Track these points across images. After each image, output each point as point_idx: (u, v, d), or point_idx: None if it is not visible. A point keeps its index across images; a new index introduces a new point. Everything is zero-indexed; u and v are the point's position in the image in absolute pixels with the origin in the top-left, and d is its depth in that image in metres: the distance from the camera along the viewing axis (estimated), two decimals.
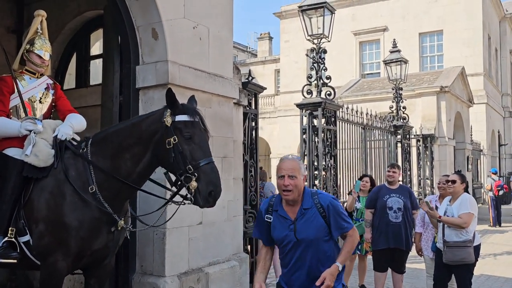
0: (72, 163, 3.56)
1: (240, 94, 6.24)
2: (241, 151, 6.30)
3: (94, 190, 3.44)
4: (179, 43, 5.04)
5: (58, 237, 3.38)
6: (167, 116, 3.39)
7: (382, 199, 6.11)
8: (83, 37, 6.98)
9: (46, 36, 4.16)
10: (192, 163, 3.29)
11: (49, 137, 3.70)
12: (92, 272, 3.70)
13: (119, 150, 3.52)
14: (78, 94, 6.58)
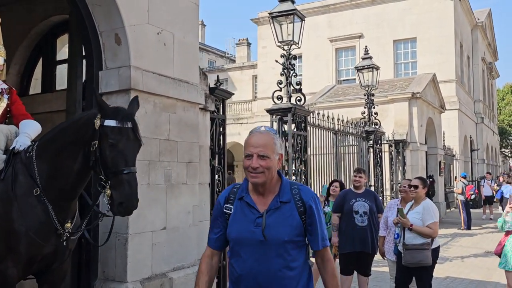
0: (20, 168, 3.54)
1: (207, 100, 6.27)
2: (207, 156, 6.31)
3: (38, 192, 3.42)
4: (142, 49, 5.05)
5: (8, 244, 3.35)
6: (97, 119, 3.29)
7: (349, 203, 6.21)
8: (50, 41, 6.93)
9: (1, 41, 4.13)
10: (112, 170, 3.19)
11: (0, 142, 3.67)
12: (45, 277, 3.67)
13: (59, 151, 3.49)
14: (43, 99, 6.53)
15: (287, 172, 8.69)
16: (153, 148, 5.06)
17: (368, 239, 6.12)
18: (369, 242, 6.13)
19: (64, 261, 3.72)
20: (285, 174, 8.70)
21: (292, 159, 8.68)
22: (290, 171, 8.70)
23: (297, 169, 8.80)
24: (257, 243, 2.44)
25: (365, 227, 6.10)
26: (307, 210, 2.50)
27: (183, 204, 5.45)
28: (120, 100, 4.90)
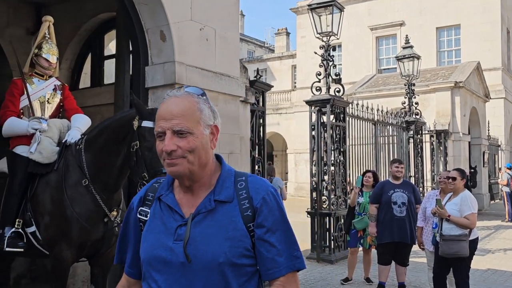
0: (70, 159, 3.81)
1: (248, 92, 6.45)
2: (248, 147, 6.51)
3: (87, 183, 3.68)
4: (186, 44, 5.26)
5: (61, 229, 3.65)
6: (136, 120, 3.44)
7: (387, 194, 6.26)
8: (98, 37, 7.25)
9: (54, 40, 4.41)
10: (150, 171, 3.33)
11: (54, 135, 3.96)
12: (95, 261, 3.97)
13: (103, 147, 3.71)
14: (92, 93, 6.86)
15: (326, 162, 8.81)
16: None
17: (407, 229, 6.16)
18: (408, 232, 6.16)
19: (111, 247, 3.96)
20: (325, 165, 8.80)
21: (330, 149, 8.77)
22: (329, 162, 8.80)
23: (335, 159, 8.89)
24: (178, 267, 1.51)
25: (403, 217, 6.15)
26: (258, 214, 1.56)
27: None
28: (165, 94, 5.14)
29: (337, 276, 7.39)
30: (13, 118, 4.04)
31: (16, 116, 4.08)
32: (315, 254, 8.70)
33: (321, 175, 8.81)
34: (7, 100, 4.15)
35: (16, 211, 3.76)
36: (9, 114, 4.06)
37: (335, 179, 8.77)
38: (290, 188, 29.48)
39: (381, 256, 6.43)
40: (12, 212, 3.75)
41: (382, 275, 6.40)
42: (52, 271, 3.75)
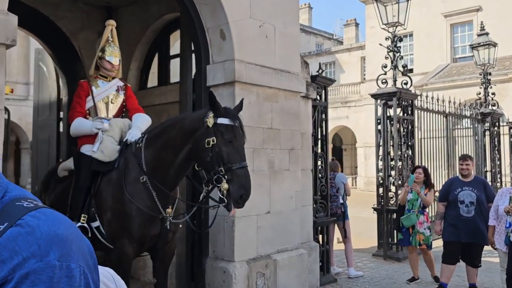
0: (130, 157, 3.98)
1: (309, 88, 6.41)
2: (310, 143, 6.48)
3: (144, 180, 3.82)
4: (245, 42, 5.32)
5: (122, 225, 3.82)
6: (210, 117, 3.57)
7: (454, 192, 5.93)
8: (164, 38, 7.50)
9: (116, 43, 4.60)
10: (227, 165, 3.45)
11: (115, 134, 4.15)
12: (155, 255, 4.12)
13: (164, 144, 3.84)
14: (159, 92, 7.11)
15: (393, 157, 8.55)
16: (257, 136, 5.33)
17: (476, 230, 5.78)
18: (477, 233, 5.80)
19: (167, 242, 4.09)
20: (391, 160, 8.55)
21: (397, 144, 8.50)
22: (396, 157, 8.54)
23: (403, 154, 8.61)
24: None
25: (471, 218, 5.80)
26: None
27: (286, 190, 5.68)
28: (226, 92, 5.24)
29: (404, 275, 7.17)
30: (79, 118, 4.30)
31: (82, 117, 4.33)
32: (382, 252, 8.49)
33: (388, 171, 8.57)
34: (74, 101, 4.42)
35: (81, 207, 3.99)
36: (76, 115, 4.32)
37: (403, 174, 8.49)
38: (359, 182, 28.91)
39: (444, 254, 6.09)
40: (78, 207, 3.99)
41: (444, 275, 6.04)
42: (116, 265, 3.94)
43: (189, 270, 5.27)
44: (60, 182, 4.58)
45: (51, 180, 4.78)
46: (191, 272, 5.28)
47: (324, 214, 6.77)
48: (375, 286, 6.66)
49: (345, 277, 7.14)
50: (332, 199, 7.05)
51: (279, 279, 5.46)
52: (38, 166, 7.39)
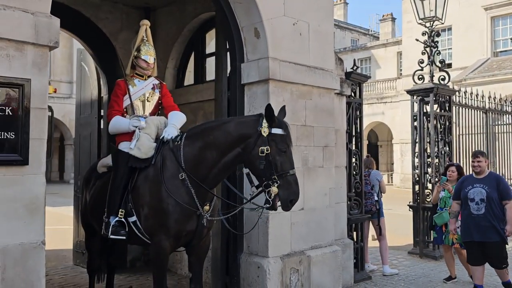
0: (167, 154, 4.08)
1: (343, 85, 6.40)
2: (344, 140, 6.47)
3: (183, 177, 3.93)
4: (279, 40, 5.37)
5: (159, 220, 3.93)
6: (264, 127, 3.74)
7: (465, 190, 5.71)
8: (200, 36, 7.63)
9: (151, 42, 4.71)
10: (279, 173, 3.67)
11: (152, 132, 4.27)
12: (191, 250, 4.23)
13: (207, 144, 3.96)
14: (195, 90, 7.25)
15: (430, 154, 8.42)
16: (291, 133, 5.35)
17: (487, 228, 5.48)
18: (488, 231, 5.48)
19: (202, 238, 4.20)
20: (428, 157, 8.40)
21: (434, 141, 8.37)
22: (433, 154, 8.41)
23: (439, 151, 8.47)
24: None
25: (481, 215, 5.51)
26: None
27: (320, 186, 5.71)
28: (260, 89, 5.31)
29: (441, 274, 7.07)
30: (117, 116, 4.43)
31: (120, 115, 4.46)
32: (418, 250, 8.39)
33: (424, 168, 8.45)
34: (112, 100, 4.56)
35: (119, 202, 4.13)
36: (114, 113, 4.45)
37: (440, 171, 8.35)
38: (395, 179, 28.48)
39: (468, 255, 5.89)
40: (116, 203, 4.13)
41: (475, 277, 5.83)
42: (153, 258, 4.09)
43: (224, 265, 5.37)
44: (100, 178, 4.75)
45: (91, 176, 4.97)
46: (226, 266, 5.38)
47: (358, 211, 6.76)
48: (410, 284, 6.60)
49: (379, 274, 7.10)
50: (366, 196, 7.02)
51: (313, 275, 5.50)
52: (80, 162, 7.67)
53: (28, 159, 3.52)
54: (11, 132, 3.45)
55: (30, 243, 3.55)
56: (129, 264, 7.34)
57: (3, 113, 3.42)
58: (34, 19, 3.55)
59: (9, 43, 3.46)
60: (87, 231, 5.20)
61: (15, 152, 3.46)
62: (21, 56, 3.52)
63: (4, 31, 3.40)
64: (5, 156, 3.42)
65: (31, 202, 3.55)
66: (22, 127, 3.49)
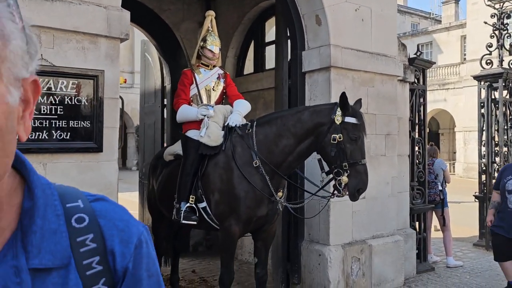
0: (238, 141, 4.17)
1: (406, 71, 6.24)
2: (407, 127, 6.32)
3: (257, 164, 4.00)
4: (341, 27, 5.31)
5: (230, 206, 4.03)
6: (338, 115, 3.79)
7: (504, 180, 5.14)
8: (260, 25, 7.66)
9: (216, 33, 4.79)
10: (349, 161, 3.72)
11: (219, 120, 4.36)
12: (258, 236, 4.31)
13: (281, 132, 4.03)
14: (255, 78, 7.31)
15: (498, 143, 8.06)
16: None
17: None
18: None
19: (272, 224, 4.31)
20: (496, 145, 8.07)
21: (503, 129, 7.99)
22: (501, 142, 8.04)
23: (509, 139, 8.08)
24: None
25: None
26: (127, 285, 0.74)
27: (382, 175, 5.62)
28: (321, 77, 5.28)
29: None
30: (185, 105, 4.56)
31: (187, 104, 4.59)
32: (484, 242, 8.08)
33: (492, 157, 8.10)
34: (179, 89, 4.68)
35: (189, 189, 4.25)
36: (181, 102, 4.58)
37: (508, 160, 7.98)
38: (458, 168, 27.45)
39: (496, 250, 5.28)
40: (186, 189, 4.25)
41: (508, 274, 5.25)
42: (222, 243, 4.20)
43: (285, 252, 5.44)
44: (167, 166, 4.88)
45: (158, 164, 5.11)
46: (287, 253, 5.44)
47: (421, 201, 6.61)
48: (476, 277, 6.39)
49: (443, 266, 6.92)
50: (430, 185, 6.84)
51: (374, 264, 5.45)
52: (145, 150, 7.97)
53: (102, 146, 3.71)
54: (87, 121, 3.65)
55: None
56: (192, 248, 7.58)
57: (80, 103, 3.62)
58: (106, 12, 3.72)
59: (84, 36, 3.64)
60: (154, 216, 5.39)
61: (90, 140, 3.67)
62: (95, 49, 3.70)
63: (80, 25, 3.59)
64: (82, 144, 3.63)
65: (106, 187, 3.75)
66: (97, 116, 3.68)
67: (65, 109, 3.56)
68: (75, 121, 3.60)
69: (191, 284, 5.86)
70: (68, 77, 3.55)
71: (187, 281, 5.94)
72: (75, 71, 3.58)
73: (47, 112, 3.48)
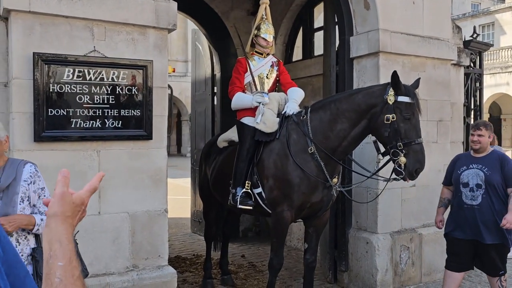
0: (294, 129, 4.18)
1: (461, 54, 6.00)
2: (461, 113, 6.11)
3: (312, 151, 4.01)
4: (390, 10, 5.17)
5: (284, 192, 4.06)
6: (390, 95, 3.74)
7: (457, 172, 4.27)
8: (308, 11, 7.59)
9: (270, 21, 4.79)
10: (404, 141, 3.68)
11: (274, 107, 4.38)
12: (310, 222, 4.32)
13: (335, 117, 4.01)
14: (304, 65, 7.28)
15: None
16: None
17: (484, 223, 4.07)
18: (485, 227, 4.06)
19: (327, 210, 4.33)
20: None
21: None
22: None
23: None
24: None
25: (477, 206, 4.10)
26: None
27: (434, 163, 5.46)
28: (370, 63, 5.19)
29: None
30: (240, 93, 4.59)
31: (241, 91, 4.63)
32: None
33: None
34: (234, 77, 4.72)
35: (245, 174, 4.30)
36: (236, 89, 4.62)
37: None
38: None
39: (449, 257, 4.37)
40: (242, 175, 4.30)
41: (445, 284, 4.37)
42: (274, 228, 4.26)
43: (333, 239, 5.43)
44: (220, 153, 4.94)
45: (211, 151, 5.20)
46: (335, 240, 5.44)
47: None
48: None
49: None
50: None
51: (425, 254, 5.35)
52: (196, 137, 8.16)
53: (152, 134, 3.86)
54: (137, 110, 3.80)
55: (155, 210, 3.92)
56: (241, 234, 7.72)
57: (130, 93, 3.78)
58: (154, 4, 3.83)
59: (133, 28, 3.78)
60: (205, 202, 5.50)
61: (140, 128, 3.82)
62: (144, 40, 3.83)
63: (129, 17, 3.72)
64: (133, 132, 3.79)
65: (155, 174, 3.90)
66: (146, 105, 3.83)
67: (117, 99, 3.72)
68: (126, 110, 3.77)
69: (240, 268, 5.99)
70: (119, 68, 3.71)
71: (236, 266, 6.08)
72: (125, 61, 3.73)
73: (100, 101, 3.66)
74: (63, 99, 3.54)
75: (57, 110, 3.51)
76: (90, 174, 3.65)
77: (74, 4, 3.52)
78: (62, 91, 3.53)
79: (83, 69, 3.58)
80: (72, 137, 3.58)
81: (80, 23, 3.58)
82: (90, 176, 3.67)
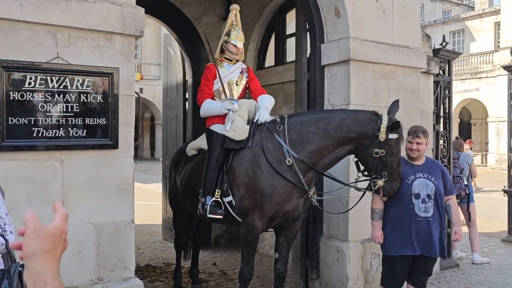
0: (268, 137, 4.12)
1: (430, 63, 6.08)
2: (431, 121, 6.18)
3: (291, 163, 3.97)
4: (361, 19, 5.20)
5: (256, 201, 4.00)
6: (382, 133, 3.81)
7: (406, 181, 3.91)
8: (280, 17, 7.59)
9: (240, 27, 4.74)
10: (388, 170, 3.82)
11: (244, 114, 4.31)
12: (282, 232, 4.28)
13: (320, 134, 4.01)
14: (276, 71, 7.26)
15: None
16: None
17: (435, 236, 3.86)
18: (434, 242, 3.87)
19: (300, 220, 4.30)
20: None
21: None
22: None
23: None
24: None
25: (430, 218, 3.85)
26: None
27: None
28: (340, 70, 5.19)
29: None
30: (209, 100, 4.52)
31: (210, 98, 4.56)
32: None
33: None
34: (203, 84, 4.65)
35: (215, 182, 4.23)
36: (205, 96, 4.55)
37: None
38: (490, 159, 26.75)
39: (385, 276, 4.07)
40: (212, 183, 4.22)
41: None
42: (244, 237, 4.19)
43: (304, 247, 5.41)
44: (190, 161, 4.86)
45: (180, 159, 5.10)
46: (306, 248, 5.41)
47: None
48: (503, 275, 6.21)
49: (468, 262, 6.76)
50: (455, 180, 6.67)
51: None
52: (168, 142, 8.05)
53: (118, 143, 3.76)
54: (103, 118, 3.70)
55: (121, 221, 3.82)
56: (213, 241, 7.64)
57: (95, 101, 3.67)
58: (121, 10, 3.74)
59: (99, 34, 3.68)
60: (175, 211, 5.42)
61: (106, 136, 3.72)
62: (110, 46, 3.73)
63: (95, 23, 3.62)
64: (98, 140, 3.69)
65: (121, 183, 3.80)
66: (112, 113, 3.73)
67: (81, 107, 3.61)
68: (91, 119, 3.66)
69: (211, 277, 5.91)
70: (84, 75, 3.61)
71: (207, 274, 6.00)
72: (90, 69, 3.63)
73: (64, 110, 3.55)
74: (25, 107, 3.41)
75: (18, 119, 3.39)
76: (53, 184, 3.53)
77: (36, 9, 3.41)
78: (23, 99, 3.40)
79: (46, 76, 3.46)
80: (34, 146, 3.46)
81: (43, 29, 3.47)
82: (53, 187, 3.56)
